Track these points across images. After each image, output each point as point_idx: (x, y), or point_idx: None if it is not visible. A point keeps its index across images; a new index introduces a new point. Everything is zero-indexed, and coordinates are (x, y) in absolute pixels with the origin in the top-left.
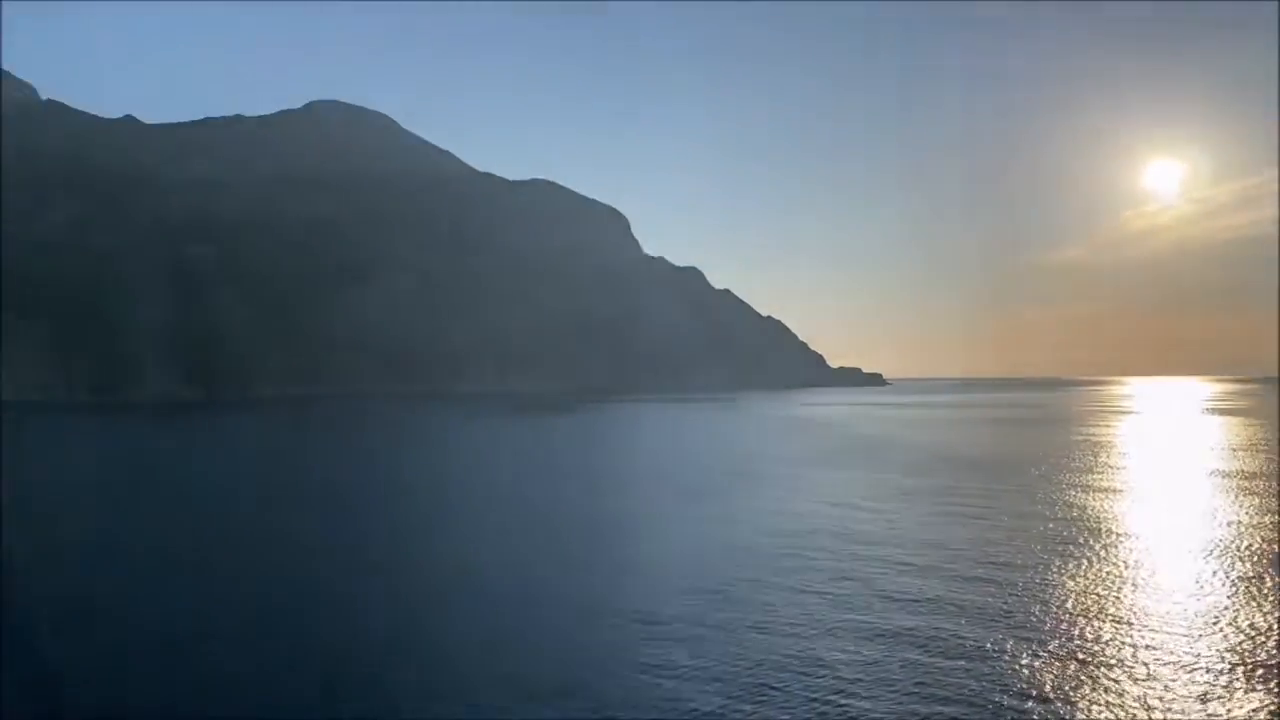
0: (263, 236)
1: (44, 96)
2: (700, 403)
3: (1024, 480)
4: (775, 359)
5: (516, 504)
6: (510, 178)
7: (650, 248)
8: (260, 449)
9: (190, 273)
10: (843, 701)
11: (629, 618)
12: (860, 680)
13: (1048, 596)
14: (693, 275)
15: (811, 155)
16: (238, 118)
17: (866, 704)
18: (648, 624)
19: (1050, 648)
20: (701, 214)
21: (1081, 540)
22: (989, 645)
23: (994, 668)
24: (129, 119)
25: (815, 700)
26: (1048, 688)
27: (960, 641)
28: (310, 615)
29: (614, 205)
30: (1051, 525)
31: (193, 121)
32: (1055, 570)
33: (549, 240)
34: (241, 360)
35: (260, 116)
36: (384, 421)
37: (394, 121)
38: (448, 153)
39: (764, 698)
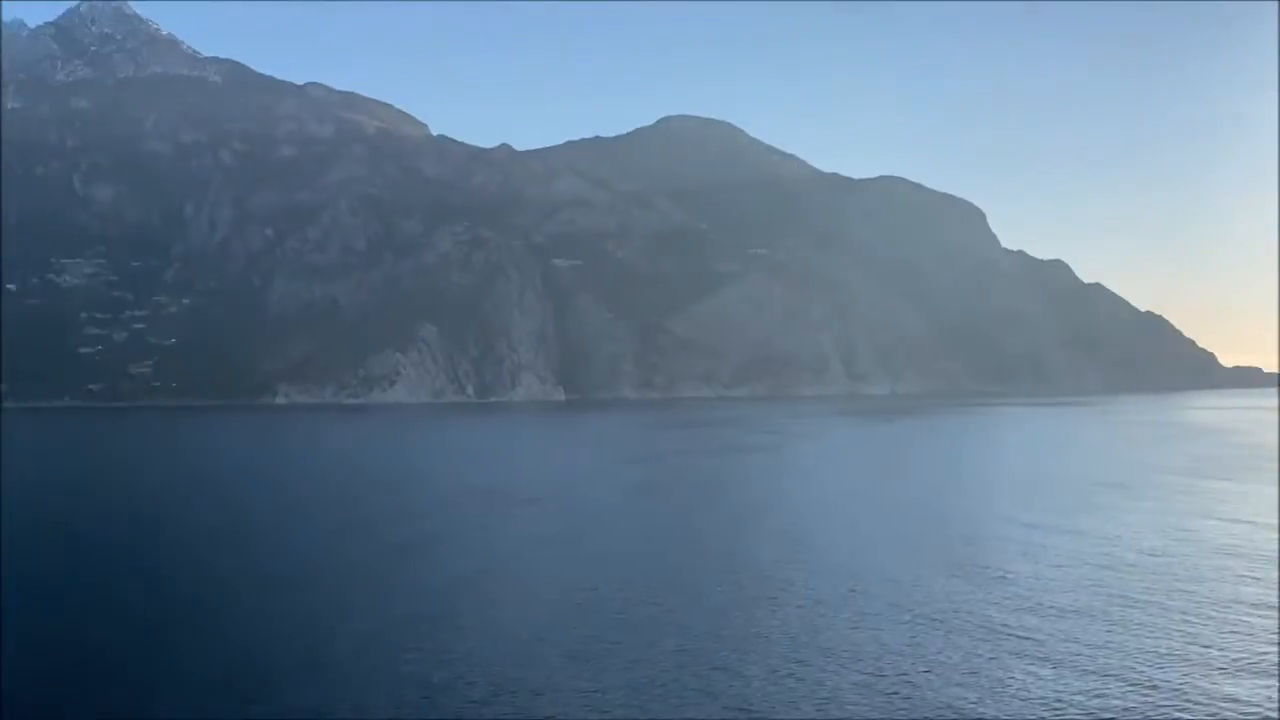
0: (621, 248)
1: (435, 133)
2: (1068, 407)
3: None
4: (1154, 359)
5: (900, 512)
6: (855, 176)
7: (1009, 241)
8: (666, 449)
9: (557, 284)
10: None
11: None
12: None
13: None
14: (1057, 269)
15: None
16: (597, 139)
17: None
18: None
19: None
20: (1066, 201)
21: None
22: None
23: None
24: (504, 147)
25: None
26: None
27: None
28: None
29: (968, 198)
30: None
31: (557, 145)
32: None
33: (899, 238)
34: (604, 364)
35: (617, 136)
36: (753, 424)
37: (739, 129)
38: (792, 156)
39: None
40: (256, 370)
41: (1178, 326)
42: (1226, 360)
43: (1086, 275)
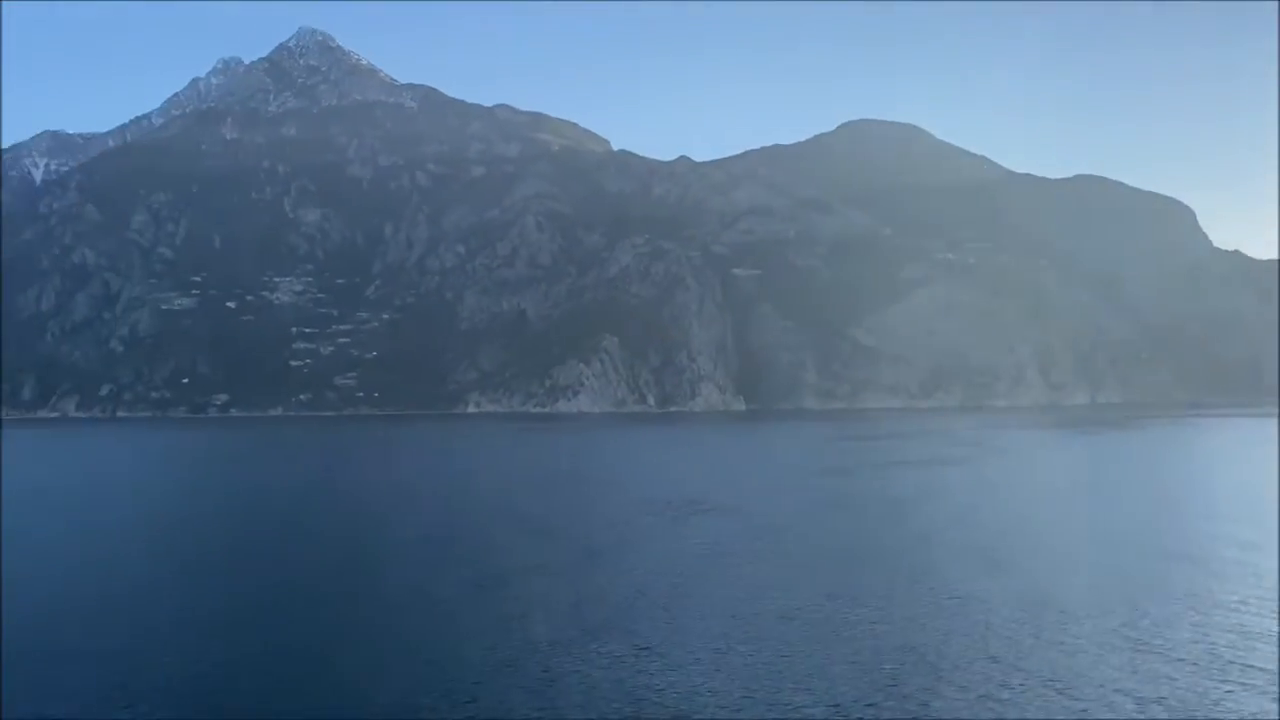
0: (802, 255)
1: (616, 148)
2: None
3: None
4: None
5: (1109, 532)
6: (1051, 176)
7: (1222, 240)
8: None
9: (737, 294)
10: None
11: None
12: None
13: None
14: (1277, 269)
15: None
16: (776, 146)
17: None
18: None
19: None
20: None
21: None
22: None
23: None
24: (683, 159)
25: None
26: None
27: None
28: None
29: (1175, 196)
30: None
31: (736, 155)
32: None
33: (1099, 239)
34: (785, 374)
35: (797, 143)
36: (945, 436)
37: (924, 131)
38: (981, 157)
39: None
40: (449, 380)
41: None
42: None
43: None
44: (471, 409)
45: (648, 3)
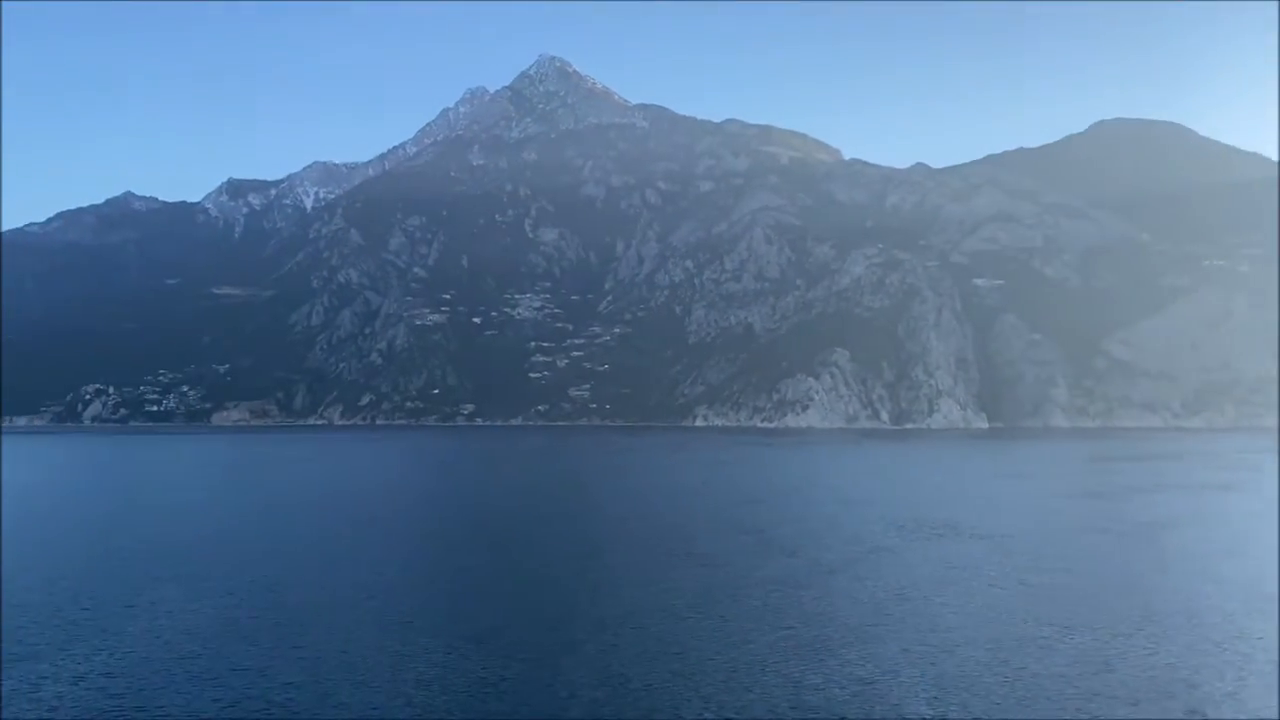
0: (1050, 264)
1: (846, 157)
2: None
3: None
4: None
5: None
6: None
7: None
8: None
9: (978, 305)
10: None
11: None
12: None
13: None
14: None
15: None
16: (1020, 150)
17: None
18: None
19: None
20: None
21: None
22: None
23: None
24: (919, 166)
25: None
26: None
27: None
28: None
29: None
30: None
31: (976, 160)
32: None
33: None
34: (1031, 390)
35: (1043, 146)
36: (1216, 458)
37: (1188, 129)
38: (1254, 154)
39: None
40: (677, 394)
41: None
42: None
43: None
44: (699, 422)
45: (873, 4)
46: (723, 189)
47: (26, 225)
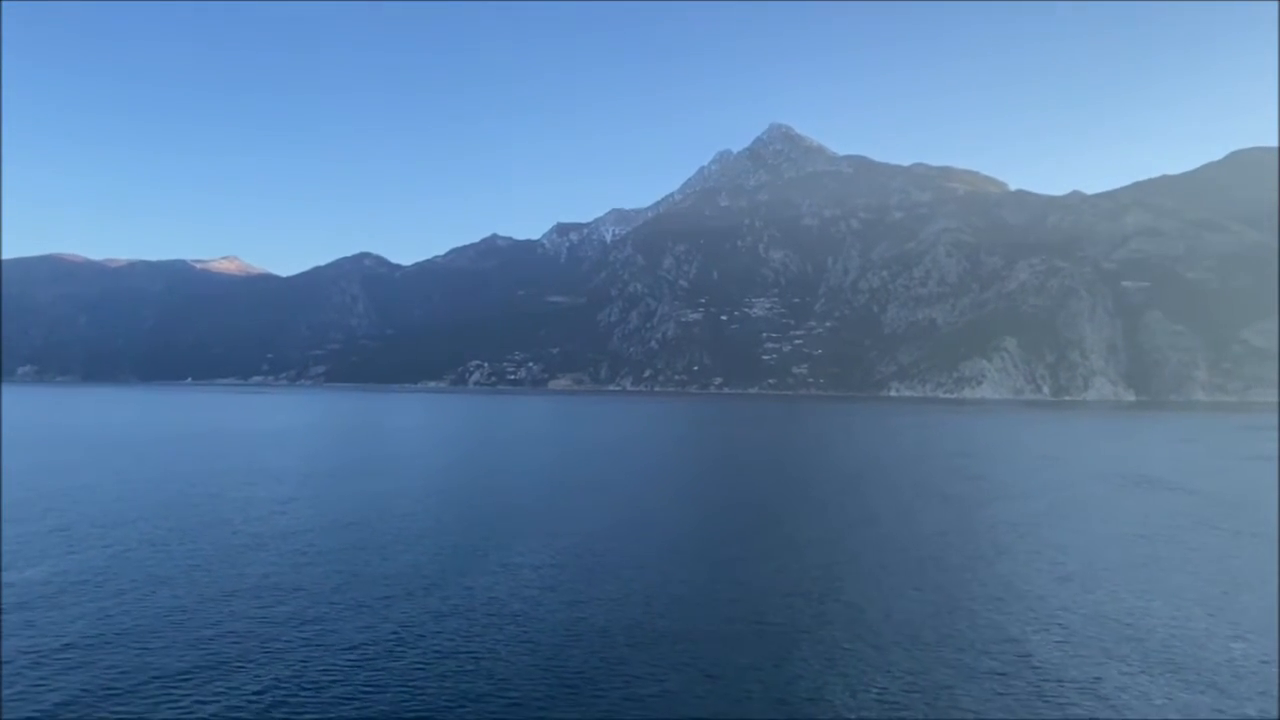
0: (1191, 269)
1: (1012, 188)
2: None
3: None
4: None
5: None
6: None
7: None
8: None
9: (1127, 301)
10: None
11: None
12: None
13: None
14: None
15: None
16: (1164, 177)
17: None
18: None
19: None
20: None
21: None
22: None
23: None
24: (1075, 193)
25: None
26: None
27: None
28: None
29: None
30: None
31: (1125, 186)
32: None
33: None
34: (1174, 370)
35: (1184, 173)
36: None
37: None
38: None
39: None
40: (875, 372)
41: None
42: None
43: None
44: (892, 393)
45: (1031, 58)
46: (911, 217)
47: (432, 258)
